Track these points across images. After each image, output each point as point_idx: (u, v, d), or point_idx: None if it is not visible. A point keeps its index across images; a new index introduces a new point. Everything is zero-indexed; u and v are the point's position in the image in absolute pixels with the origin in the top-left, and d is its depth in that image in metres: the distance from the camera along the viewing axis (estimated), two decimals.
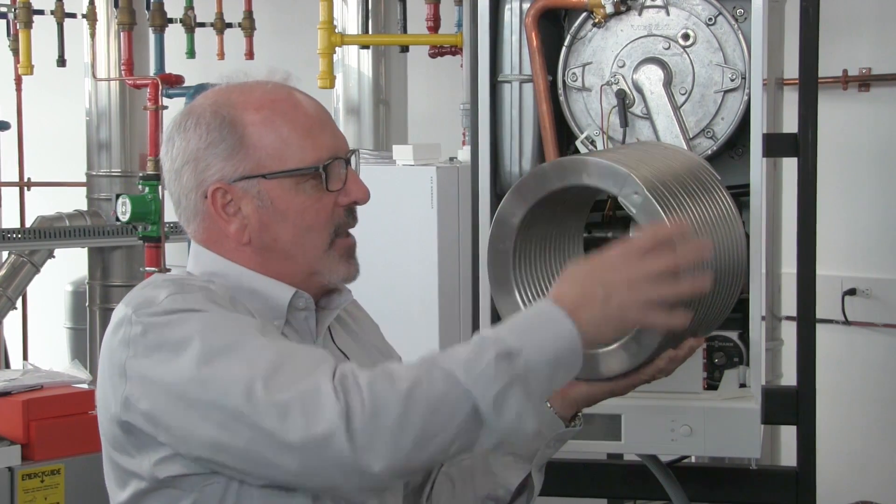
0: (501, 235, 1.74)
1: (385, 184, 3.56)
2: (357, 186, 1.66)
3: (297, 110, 1.64)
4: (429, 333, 3.49)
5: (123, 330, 1.53)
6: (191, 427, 1.48)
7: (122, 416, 1.53)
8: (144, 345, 1.51)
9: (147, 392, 1.50)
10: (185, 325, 1.50)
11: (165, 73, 5.24)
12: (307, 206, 1.63)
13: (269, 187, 1.62)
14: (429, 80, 5.28)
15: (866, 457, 4.69)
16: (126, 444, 1.56)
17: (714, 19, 2.29)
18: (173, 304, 1.53)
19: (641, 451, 2.35)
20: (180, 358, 1.48)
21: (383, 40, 4.56)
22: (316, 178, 1.62)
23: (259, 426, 1.43)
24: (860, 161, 4.69)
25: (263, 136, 1.62)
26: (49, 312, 6.43)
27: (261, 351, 1.48)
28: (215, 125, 1.62)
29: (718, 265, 1.69)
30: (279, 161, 1.61)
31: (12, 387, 3.85)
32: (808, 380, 2.51)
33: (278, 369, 1.45)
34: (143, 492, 1.57)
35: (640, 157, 1.74)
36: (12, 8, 5.68)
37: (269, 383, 1.43)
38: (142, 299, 1.55)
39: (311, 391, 1.42)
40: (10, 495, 3.66)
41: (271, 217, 1.63)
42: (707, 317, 1.74)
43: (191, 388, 1.47)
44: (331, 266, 1.66)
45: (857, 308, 4.67)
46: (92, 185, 5.77)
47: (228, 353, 1.47)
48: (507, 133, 2.39)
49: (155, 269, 4.88)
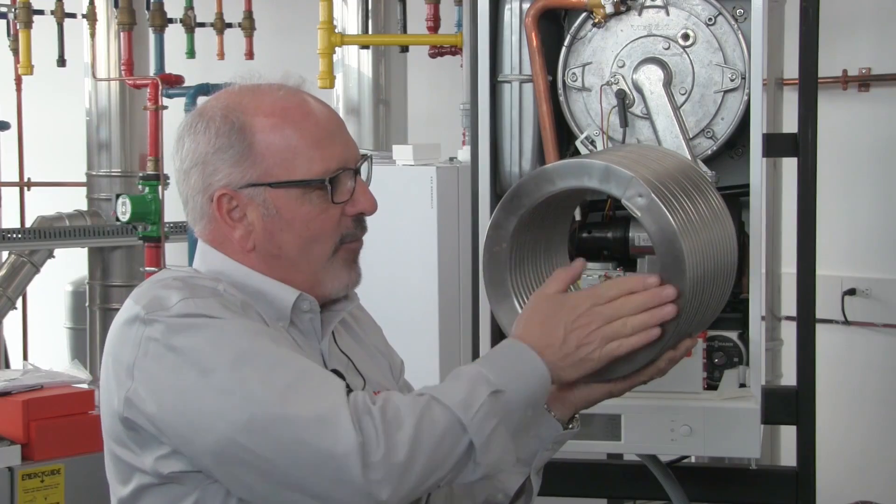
0: (498, 238, 1.73)
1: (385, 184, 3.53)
2: (365, 197, 1.66)
3: (307, 119, 1.63)
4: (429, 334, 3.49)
5: (135, 329, 1.53)
6: (195, 435, 1.48)
7: (127, 416, 1.53)
8: (156, 348, 1.50)
9: (154, 395, 1.50)
10: (198, 333, 1.50)
11: (165, 73, 5.25)
12: (313, 217, 1.62)
13: (276, 196, 1.61)
14: (429, 80, 5.28)
15: (866, 457, 4.69)
16: (128, 441, 1.56)
17: (714, 19, 2.29)
18: (186, 308, 1.52)
19: (641, 451, 2.35)
20: (192, 366, 1.48)
21: (383, 40, 4.56)
22: (323, 188, 1.62)
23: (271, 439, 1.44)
24: (860, 161, 4.69)
25: (272, 144, 1.61)
26: (49, 312, 6.43)
27: (276, 365, 1.49)
28: (225, 130, 1.62)
29: (712, 264, 1.69)
30: (286, 170, 1.61)
31: (12, 387, 3.85)
32: (807, 380, 2.51)
33: (295, 386, 1.46)
34: (145, 487, 1.57)
35: (636, 158, 1.74)
36: (12, 8, 5.68)
37: (286, 398, 1.45)
38: (153, 299, 1.55)
39: (329, 411, 1.44)
40: (10, 495, 3.66)
41: (276, 225, 1.62)
42: (706, 315, 1.74)
43: (201, 396, 1.47)
44: (333, 274, 1.66)
45: (856, 308, 4.67)
46: (92, 185, 5.77)
47: (243, 364, 1.47)
48: (507, 133, 2.39)
49: (155, 270, 4.88)
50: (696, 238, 1.64)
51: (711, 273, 1.69)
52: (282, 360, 1.50)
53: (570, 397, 1.75)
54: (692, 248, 1.62)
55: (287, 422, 1.43)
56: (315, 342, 1.69)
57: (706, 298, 1.69)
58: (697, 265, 1.63)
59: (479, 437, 1.49)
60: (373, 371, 1.78)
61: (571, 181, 1.68)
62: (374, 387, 1.74)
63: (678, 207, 1.63)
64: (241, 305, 1.58)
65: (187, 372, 1.48)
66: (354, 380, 1.72)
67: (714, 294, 1.73)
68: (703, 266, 1.65)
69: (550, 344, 1.57)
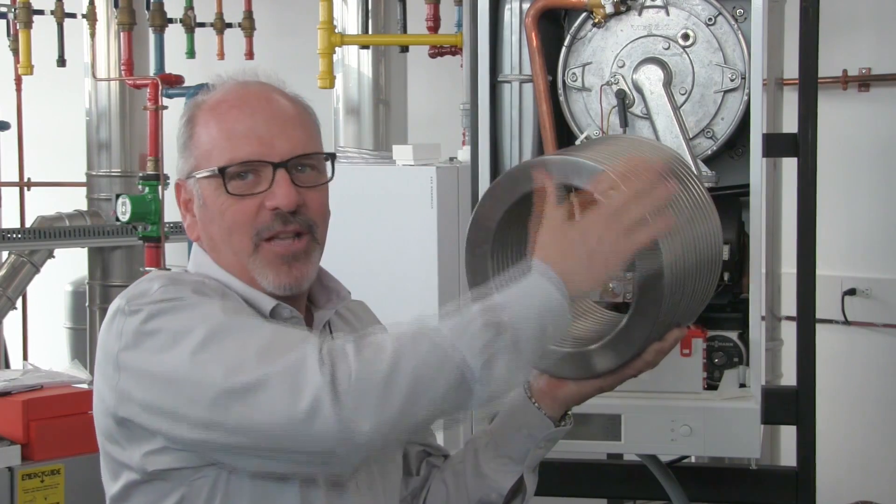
0: (478, 239, 1.73)
1: (385, 184, 3.56)
2: (282, 191, 1.63)
3: (232, 111, 1.65)
4: None
5: (117, 321, 1.55)
6: (183, 410, 1.48)
7: (117, 410, 1.54)
8: (136, 333, 1.52)
9: (139, 380, 1.51)
10: (176, 313, 1.52)
11: (165, 73, 5.25)
12: (226, 207, 1.64)
13: (202, 186, 1.66)
14: (429, 80, 5.28)
15: (866, 457, 4.70)
16: (117, 436, 1.57)
17: (714, 19, 2.29)
18: (165, 293, 1.54)
19: (641, 451, 2.35)
20: (174, 344, 1.49)
21: (383, 40, 4.56)
22: (236, 179, 1.63)
23: (249, 402, 1.43)
24: (860, 161, 4.69)
25: (201, 136, 1.66)
26: (49, 312, 6.43)
27: (252, 331, 1.49)
28: (183, 123, 1.69)
29: (697, 256, 1.69)
30: (207, 161, 1.65)
31: (12, 387, 3.85)
32: (807, 380, 2.51)
33: (269, 346, 1.46)
34: (133, 483, 1.58)
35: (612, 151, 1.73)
36: (12, 8, 5.68)
37: (259, 359, 1.44)
38: (136, 291, 1.57)
39: (297, 364, 1.43)
40: (10, 495, 3.66)
41: (206, 215, 1.67)
42: (690, 306, 1.74)
43: (183, 369, 1.47)
44: (259, 271, 1.65)
45: (856, 308, 4.67)
46: (92, 185, 5.77)
47: (220, 335, 1.48)
48: (507, 133, 2.39)
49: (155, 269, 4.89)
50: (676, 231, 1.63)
51: (693, 266, 1.69)
52: (256, 326, 1.51)
53: (561, 394, 1.75)
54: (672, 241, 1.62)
55: (262, 383, 1.43)
56: None
57: (689, 290, 1.69)
58: (678, 259, 1.63)
59: (472, 352, 1.43)
60: None
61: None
62: None
63: None
64: (222, 295, 1.60)
65: (167, 350, 1.49)
66: None
67: (698, 286, 1.73)
68: (684, 259, 1.65)
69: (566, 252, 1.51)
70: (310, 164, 1.67)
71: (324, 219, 1.69)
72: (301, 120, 1.68)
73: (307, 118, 1.70)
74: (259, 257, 1.64)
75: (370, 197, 3.49)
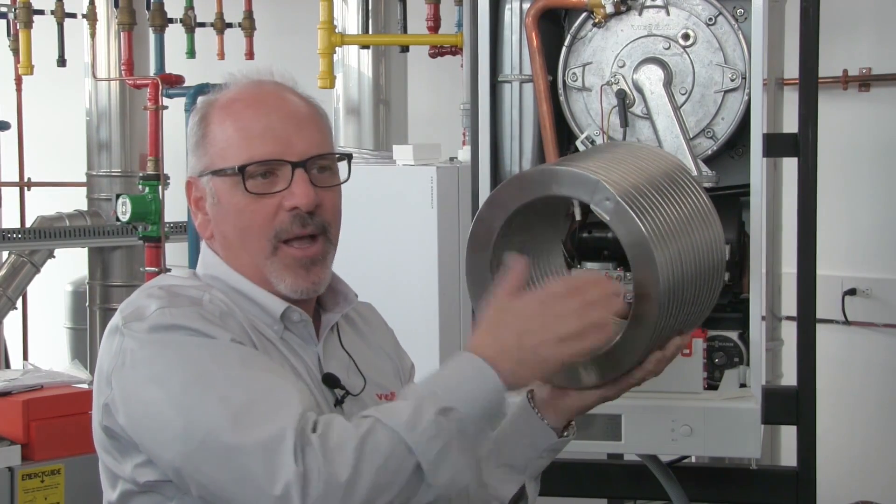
0: (479, 245, 1.72)
1: (385, 184, 3.56)
2: (301, 191, 1.62)
3: (248, 109, 1.64)
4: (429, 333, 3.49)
5: (116, 341, 1.56)
6: (158, 449, 1.50)
7: (108, 423, 1.56)
8: (128, 357, 1.53)
9: (124, 406, 1.53)
10: (166, 350, 1.52)
11: (165, 73, 5.25)
12: (243, 207, 1.63)
13: (217, 184, 1.65)
14: (429, 80, 5.28)
15: (866, 457, 4.70)
16: (110, 447, 1.59)
17: (714, 19, 2.29)
18: (161, 318, 1.54)
19: (641, 451, 2.35)
20: (157, 382, 1.50)
21: (383, 40, 4.56)
22: (255, 178, 1.62)
23: (221, 465, 1.44)
24: (860, 161, 4.69)
25: (216, 134, 1.65)
26: (49, 312, 6.43)
27: (236, 385, 1.48)
28: (196, 121, 1.68)
29: (696, 264, 1.68)
30: (223, 160, 1.64)
31: (12, 387, 3.85)
32: (808, 380, 2.51)
33: (249, 407, 1.45)
34: (129, 493, 1.59)
35: (610, 159, 1.72)
36: (12, 8, 5.68)
37: (237, 422, 1.44)
38: (133, 310, 1.57)
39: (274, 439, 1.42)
40: (10, 495, 3.66)
41: (220, 214, 1.66)
42: (690, 315, 1.73)
43: (162, 412, 1.48)
44: (276, 274, 1.64)
45: (857, 308, 4.67)
46: (92, 185, 5.77)
47: (203, 383, 1.48)
48: (507, 133, 2.39)
49: (155, 270, 4.89)
50: (673, 240, 1.62)
51: (693, 275, 1.67)
52: (242, 380, 1.49)
53: (564, 404, 1.73)
54: (668, 252, 1.60)
55: (234, 449, 1.43)
56: (312, 345, 1.69)
57: (689, 298, 1.68)
58: (675, 268, 1.62)
59: (427, 457, 1.43)
60: (376, 372, 1.78)
61: (539, 190, 1.66)
62: (375, 388, 1.75)
63: (650, 210, 1.61)
64: (220, 316, 1.58)
65: (151, 387, 1.50)
66: (354, 380, 1.72)
67: (699, 295, 1.71)
68: (682, 268, 1.64)
69: (504, 350, 1.49)
70: (325, 165, 1.67)
71: (337, 220, 1.69)
72: (315, 120, 1.69)
73: (321, 119, 1.70)
74: (277, 260, 1.64)
75: (370, 197, 3.48)
